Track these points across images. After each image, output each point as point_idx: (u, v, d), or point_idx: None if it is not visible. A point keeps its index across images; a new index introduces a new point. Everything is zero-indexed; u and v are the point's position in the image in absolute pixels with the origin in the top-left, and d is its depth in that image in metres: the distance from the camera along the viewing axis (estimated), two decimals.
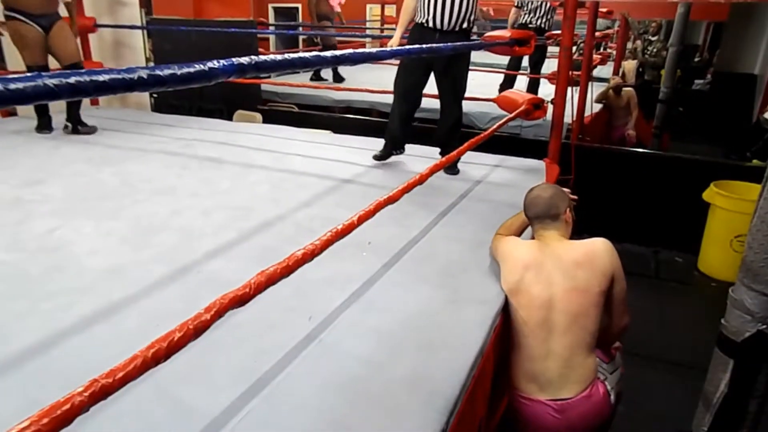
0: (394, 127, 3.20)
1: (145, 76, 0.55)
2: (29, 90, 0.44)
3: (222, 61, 0.67)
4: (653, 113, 6.65)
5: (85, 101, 4.15)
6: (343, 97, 5.90)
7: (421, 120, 4.65)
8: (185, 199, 2.59)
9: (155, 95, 5.43)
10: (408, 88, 3.07)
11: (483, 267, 1.98)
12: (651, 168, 4.28)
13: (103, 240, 2.12)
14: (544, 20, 5.22)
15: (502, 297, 1.78)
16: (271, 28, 8.38)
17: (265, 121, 4.80)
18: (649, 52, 8.31)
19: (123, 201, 2.53)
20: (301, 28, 9.00)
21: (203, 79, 0.65)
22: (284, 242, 2.09)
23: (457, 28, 2.86)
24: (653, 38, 8.54)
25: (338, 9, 6.96)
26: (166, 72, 0.57)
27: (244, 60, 0.72)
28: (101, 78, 0.49)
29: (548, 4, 5.16)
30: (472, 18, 2.89)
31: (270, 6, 9.39)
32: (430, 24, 2.86)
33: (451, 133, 3.11)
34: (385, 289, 1.80)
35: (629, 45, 9.35)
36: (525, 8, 5.28)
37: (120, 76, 0.52)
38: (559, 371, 1.69)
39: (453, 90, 3.03)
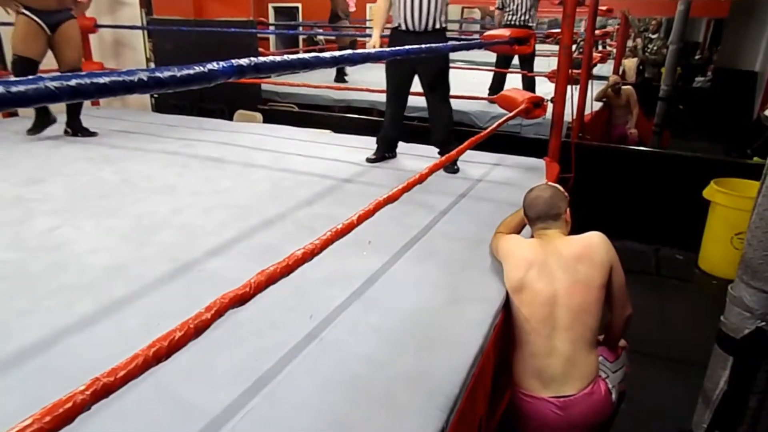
0: (385, 128, 3.32)
1: (145, 79, 0.55)
2: (31, 92, 0.45)
3: (221, 63, 0.67)
4: (654, 111, 6.64)
5: (86, 101, 4.14)
6: (342, 97, 5.91)
7: (420, 119, 4.67)
8: (186, 197, 2.60)
9: (156, 95, 5.44)
10: (396, 89, 3.18)
11: (483, 265, 1.98)
12: (651, 166, 4.28)
13: (104, 238, 2.12)
14: (527, 16, 5.25)
15: (502, 295, 1.79)
16: (272, 27, 8.38)
17: (265, 121, 4.80)
18: (649, 50, 8.31)
19: (124, 200, 2.54)
20: (301, 28, 9.01)
21: (203, 81, 0.65)
22: (285, 241, 2.10)
23: (429, 29, 2.96)
24: (653, 36, 8.54)
25: (353, 8, 6.97)
26: (166, 74, 0.57)
27: (244, 61, 0.72)
28: (102, 80, 0.50)
29: (528, 1, 5.19)
30: (441, 18, 2.99)
31: (270, 6, 9.40)
32: (403, 27, 2.98)
33: (446, 132, 3.17)
34: (385, 288, 1.80)
35: (629, 43, 9.35)
36: (507, 8, 5.31)
37: (120, 79, 0.53)
38: (562, 368, 1.70)
39: (437, 88, 3.10)
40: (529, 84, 5.37)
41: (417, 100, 3.40)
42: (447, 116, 3.17)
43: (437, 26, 2.98)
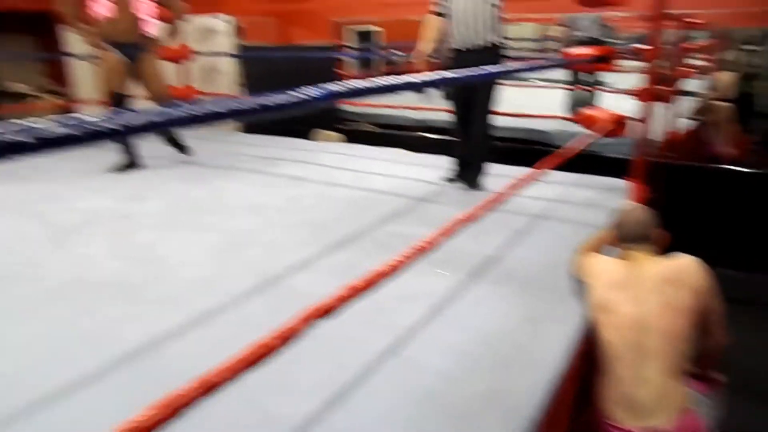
0: (456, 147, 3.28)
1: (254, 106, 0.61)
2: (159, 120, 0.52)
3: (320, 89, 0.73)
4: (753, 127, 6.22)
5: None
6: (421, 117, 5.96)
7: (498, 139, 4.62)
8: (271, 215, 2.73)
9: None
10: (455, 106, 3.17)
11: (561, 286, 1.94)
12: (747, 186, 4.00)
13: (196, 253, 2.27)
14: (594, 29, 5.09)
15: (582, 317, 1.74)
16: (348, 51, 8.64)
17: (344, 141, 4.95)
18: (749, 63, 7.81)
19: (214, 217, 2.71)
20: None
21: (303, 107, 0.71)
22: (364, 258, 2.15)
23: (484, 44, 2.92)
24: (754, 48, 8.01)
25: None
26: (273, 101, 0.63)
27: (340, 87, 0.77)
28: (217, 109, 0.56)
29: (591, 14, 5.03)
30: (491, 35, 2.92)
31: (346, 29, 9.71)
32: (455, 46, 2.98)
33: (478, 149, 3.11)
34: (462, 306, 1.81)
35: (725, 56, 8.82)
36: (573, 24, 5.18)
37: (234, 107, 0.59)
38: (651, 396, 1.62)
39: (481, 105, 3.04)
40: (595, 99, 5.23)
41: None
42: (482, 134, 3.08)
43: (488, 44, 2.93)
